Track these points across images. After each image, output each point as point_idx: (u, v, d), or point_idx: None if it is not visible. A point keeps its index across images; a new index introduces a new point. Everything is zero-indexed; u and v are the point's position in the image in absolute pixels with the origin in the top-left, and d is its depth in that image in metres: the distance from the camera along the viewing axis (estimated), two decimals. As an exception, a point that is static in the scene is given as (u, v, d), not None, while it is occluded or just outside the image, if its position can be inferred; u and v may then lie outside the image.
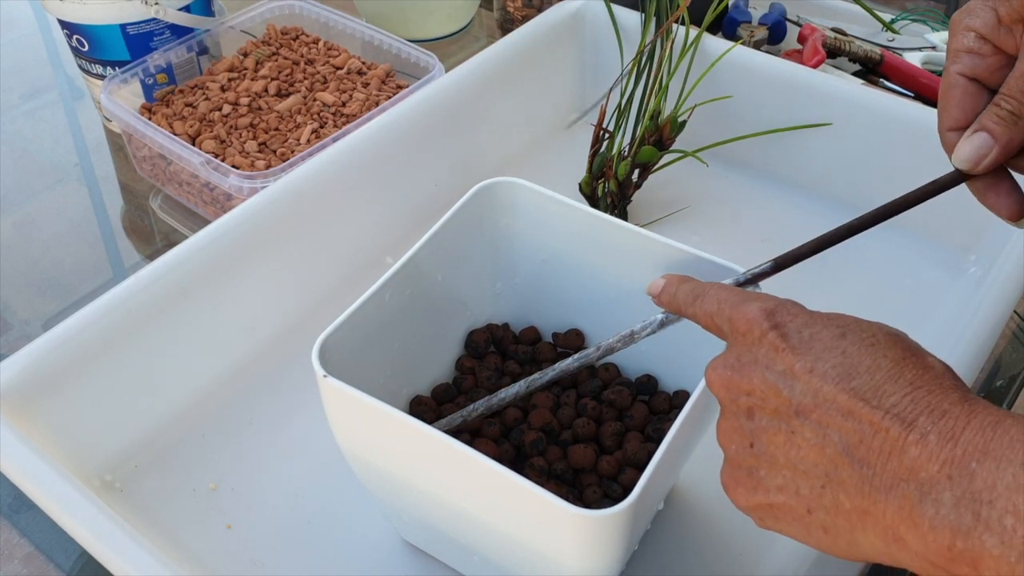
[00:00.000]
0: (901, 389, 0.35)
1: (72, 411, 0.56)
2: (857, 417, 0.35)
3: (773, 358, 0.38)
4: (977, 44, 0.41)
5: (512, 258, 0.59)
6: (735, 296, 0.41)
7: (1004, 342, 0.70)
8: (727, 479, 0.40)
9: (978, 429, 0.33)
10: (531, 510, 0.41)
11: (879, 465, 0.34)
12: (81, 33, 0.84)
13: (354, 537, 0.56)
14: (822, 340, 0.37)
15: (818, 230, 0.48)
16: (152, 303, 0.59)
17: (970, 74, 0.41)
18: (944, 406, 0.34)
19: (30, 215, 0.83)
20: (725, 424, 0.40)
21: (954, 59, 0.41)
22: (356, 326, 0.49)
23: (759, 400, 0.38)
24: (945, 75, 0.42)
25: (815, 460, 0.36)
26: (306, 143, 0.79)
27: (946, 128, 0.42)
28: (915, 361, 0.36)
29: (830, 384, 0.36)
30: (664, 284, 0.47)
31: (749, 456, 0.39)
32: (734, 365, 0.39)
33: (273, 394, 0.64)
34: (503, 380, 0.58)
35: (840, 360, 0.36)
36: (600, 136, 0.74)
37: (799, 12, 0.93)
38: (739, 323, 0.40)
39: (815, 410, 0.36)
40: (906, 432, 0.33)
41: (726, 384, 0.40)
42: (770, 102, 0.78)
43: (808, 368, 0.36)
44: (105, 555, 0.47)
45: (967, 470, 0.32)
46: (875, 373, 0.35)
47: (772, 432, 0.37)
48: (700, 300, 0.43)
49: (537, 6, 0.98)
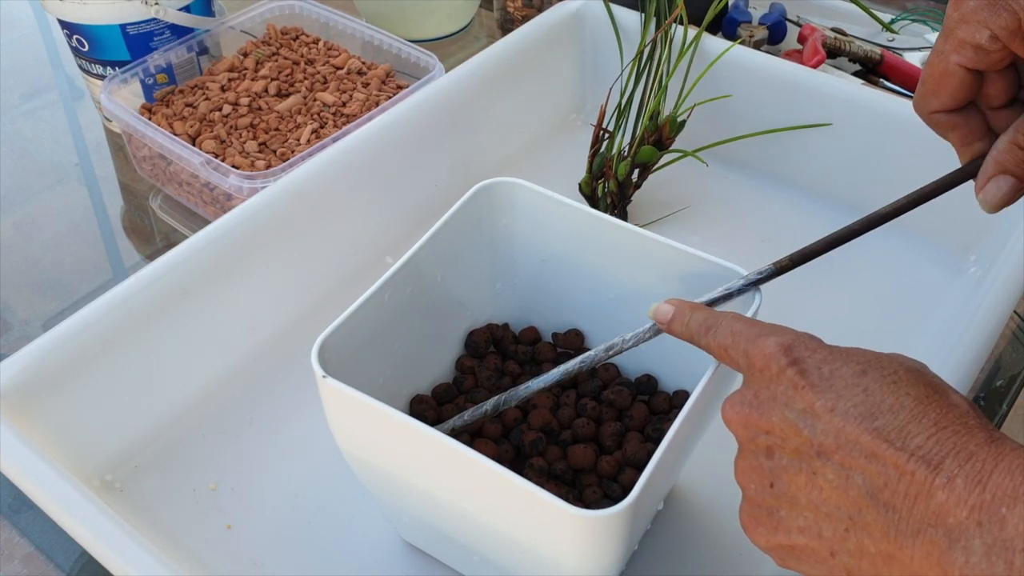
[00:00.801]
0: (926, 430, 0.34)
1: (72, 411, 0.56)
2: (881, 459, 0.34)
3: (792, 396, 0.37)
4: (989, 43, 0.39)
5: (512, 258, 0.59)
6: (750, 329, 0.40)
7: (1004, 342, 0.70)
8: (746, 519, 0.39)
9: (1007, 472, 0.32)
10: (531, 510, 0.41)
11: (905, 509, 0.33)
12: (81, 33, 0.84)
13: (354, 537, 0.56)
14: (843, 377, 0.36)
15: (818, 230, 0.48)
16: (152, 303, 0.59)
17: (971, 67, 0.40)
18: (971, 448, 0.33)
19: (30, 215, 0.83)
20: (743, 463, 0.39)
21: (958, 49, 0.40)
22: (356, 326, 0.49)
23: (779, 439, 0.37)
24: (942, 60, 0.41)
25: (838, 502, 0.35)
26: (306, 143, 0.79)
27: (931, 111, 0.42)
28: (938, 399, 0.35)
29: (852, 424, 0.35)
30: (674, 312, 0.45)
31: (769, 496, 0.38)
32: (752, 402, 0.38)
33: (273, 394, 0.64)
34: (503, 380, 0.58)
35: (863, 398, 0.35)
36: (600, 136, 0.74)
37: (799, 12, 0.93)
38: (756, 358, 0.39)
39: (837, 451, 0.35)
40: (932, 475, 0.32)
41: (744, 422, 0.39)
42: (770, 102, 0.78)
43: (829, 407, 0.35)
44: (105, 555, 0.47)
45: (997, 516, 0.31)
46: (898, 412, 0.35)
47: (793, 472, 0.37)
48: (713, 332, 0.42)
49: (537, 6, 0.98)
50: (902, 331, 0.68)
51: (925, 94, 0.42)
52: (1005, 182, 0.40)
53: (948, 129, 0.43)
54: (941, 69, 0.41)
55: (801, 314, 0.67)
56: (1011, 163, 0.40)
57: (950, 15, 0.40)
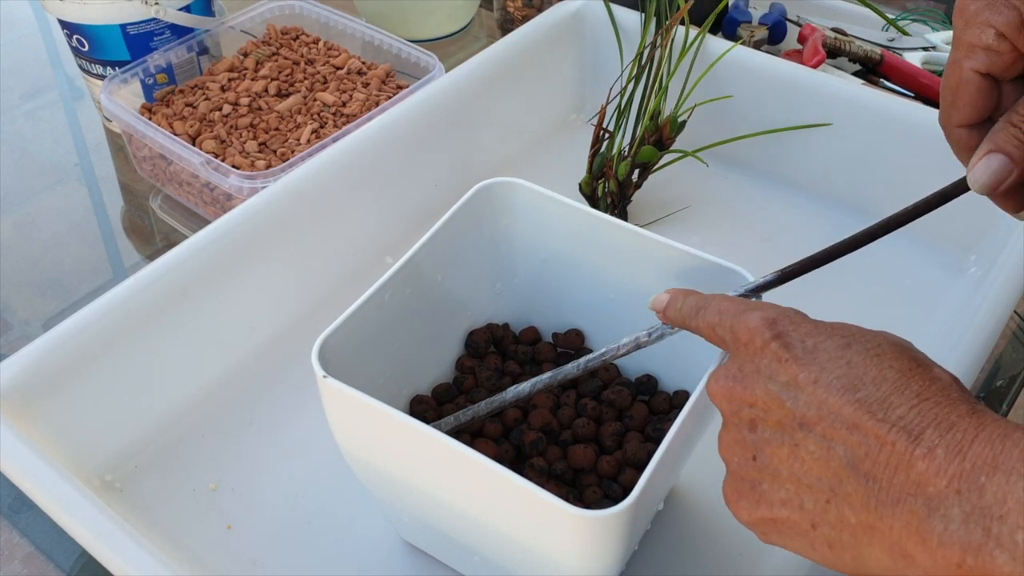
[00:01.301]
0: (908, 401, 0.34)
1: (72, 411, 0.56)
2: (863, 430, 0.34)
3: (776, 368, 0.37)
4: (996, 42, 0.39)
5: (512, 258, 0.59)
6: (736, 306, 0.41)
7: (1004, 342, 0.70)
8: (729, 492, 0.40)
9: (987, 442, 0.32)
10: (531, 510, 0.41)
11: (885, 479, 0.33)
12: (81, 33, 0.84)
13: (354, 537, 0.56)
14: (826, 350, 0.37)
15: (818, 230, 0.48)
16: (152, 303, 0.59)
17: (985, 71, 0.40)
18: (952, 418, 0.33)
19: (30, 215, 0.83)
20: (727, 436, 0.40)
21: (969, 54, 0.40)
22: (356, 326, 0.49)
23: (762, 412, 0.37)
24: (956, 69, 0.41)
25: (819, 474, 0.35)
26: (306, 143, 0.79)
27: (955, 124, 0.41)
28: (921, 372, 0.35)
29: (835, 396, 0.35)
30: (669, 300, 0.46)
31: (752, 469, 0.38)
32: (736, 376, 0.39)
33: (273, 394, 0.64)
34: (503, 380, 0.58)
35: (845, 371, 0.36)
36: (600, 136, 0.74)
37: (799, 12, 0.93)
38: (741, 333, 0.39)
39: (820, 423, 0.35)
40: (913, 446, 0.33)
41: (728, 395, 0.39)
42: (770, 102, 0.78)
43: (812, 379, 0.36)
44: (105, 555, 0.47)
45: (976, 484, 0.31)
46: (881, 384, 0.35)
47: (775, 445, 0.37)
48: (703, 312, 0.43)
49: (537, 6, 0.98)
50: (902, 331, 0.66)
51: (946, 107, 0.42)
52: (996, 159, 0.39)
53: (968, 149, 0.42)
54: (956, 78, 0.41)
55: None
56: (1004, 141, 0.40)
57: (956, 23, 0.40)
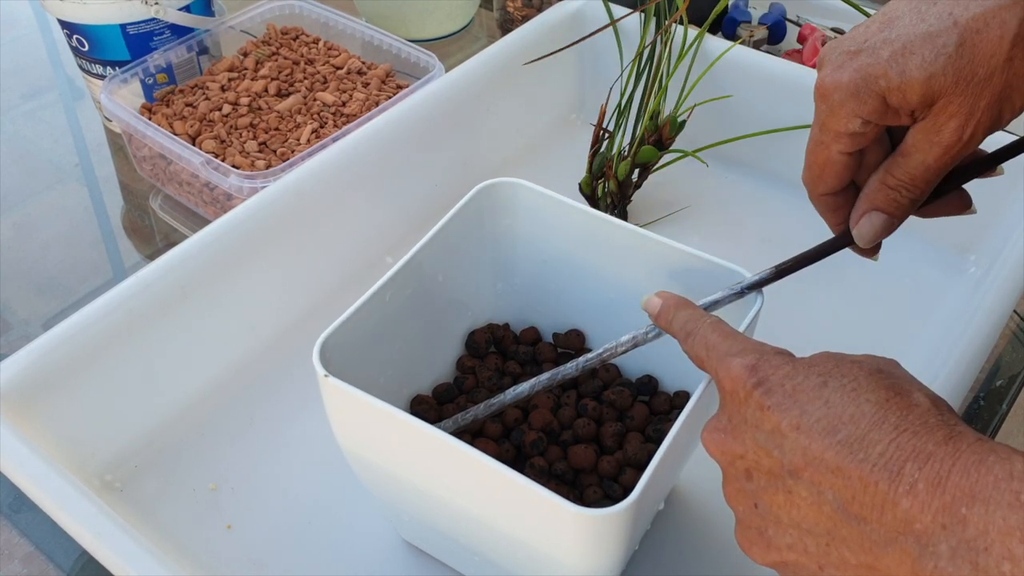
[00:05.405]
0: (886, 435, 0.34)
1: (72, 411, 0.56)
2: (846, 474, 0.34)
3: (760, 417, 0.37)
4: (863, 128, 0.42)
5: (513, 258, 0.59)
6: (722, 345, 0.41)
7: (1004, 342, 0.70)
8: (741, 539, 0.40)
9: (963, 472, 0.32)
10: (532, 510, 0.41)
11: (875, 519, 0.33)
12: (81, 33, 0.84)
13: (354, 537, 0.56)
14: (805, 391, 0.37)
15: (818, 230, 0.48)
16: (152, 303, 0.59)
17: (851, 151, 0.43)
18: (929, 448, 0.33)
19: (30, 215, 0.83)
20: (728, 487, 0.40)
21: (836, 139, 0.43)
22: (357, 326, 0.49)
23: (753, 463, 0.38)
24: (822, 150, 0.43)
25: (815, 519, 0.36)
26: (306, 143, 0.79)
27: (820, 193, 0.45)
28: (899, 401, 0.35)
29: (816, 440, 0.35)
30: (660, 309, 0.46)
31: (756, 516, 0.38)
32: (726, 428, 0.39)
33: (273, 394, 0.64)
34: (504, 380, 0.58)
35: (824, 412, 0.36)
36: (600, 136, 0.74)
37: (799, 12, 0.93)
38: (725, 382, 0.40)
39: (806, 469, 0.35)
40: (895, 484, 0.33)
41: (721, 448, 0.39)
42: (770, 102, 0.78)
43: (795, 425, 0.36)
44: (105, 555, 0.47)
45: (959, 516, 0.31)
46: (859, 421, 0.35)
47: (771, 493, 0.37)
48: (691, 340, 0.43)
49: (537, 6, 0.98)
50: (902, 332, 0.68)
51: (812, 179, 0.45)
52: (878, 218, 0.43)
53: (832, 210, 0.46)
54: (824, 158, 0.44)
55: (801, 315, 0.67)
56: (880, 201, 0.43)
57: (819, 107, 0.43)
